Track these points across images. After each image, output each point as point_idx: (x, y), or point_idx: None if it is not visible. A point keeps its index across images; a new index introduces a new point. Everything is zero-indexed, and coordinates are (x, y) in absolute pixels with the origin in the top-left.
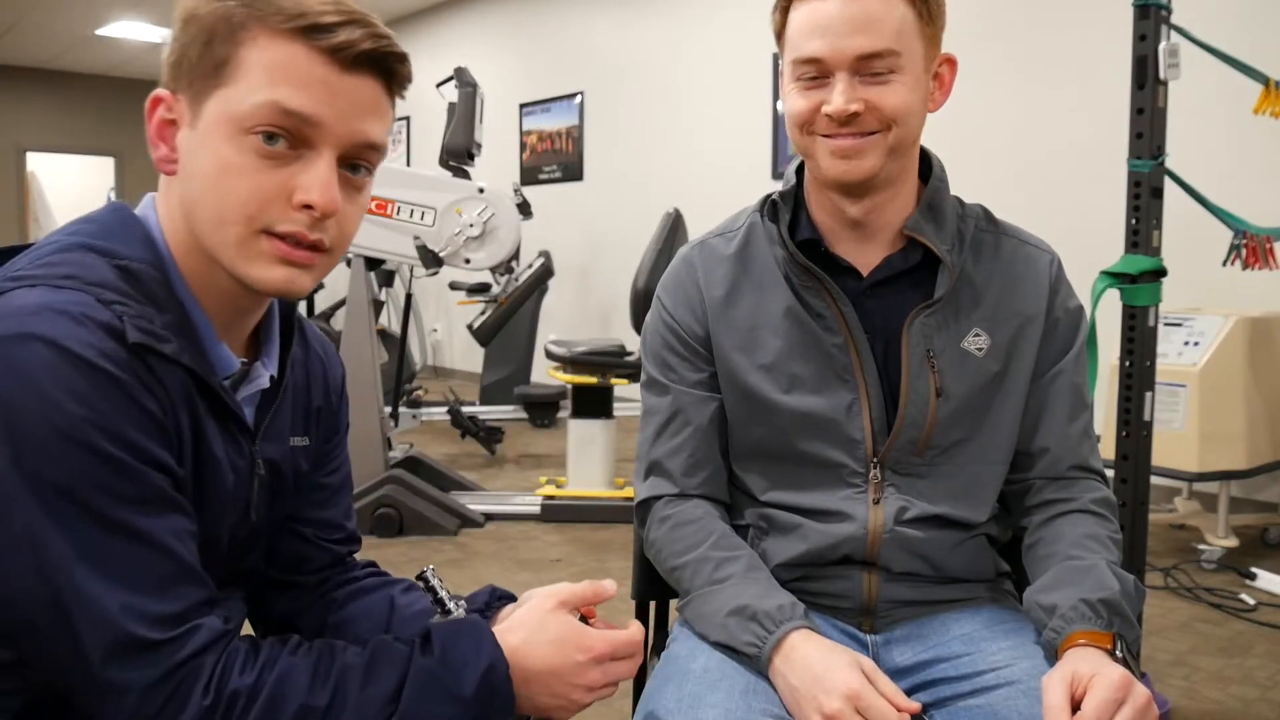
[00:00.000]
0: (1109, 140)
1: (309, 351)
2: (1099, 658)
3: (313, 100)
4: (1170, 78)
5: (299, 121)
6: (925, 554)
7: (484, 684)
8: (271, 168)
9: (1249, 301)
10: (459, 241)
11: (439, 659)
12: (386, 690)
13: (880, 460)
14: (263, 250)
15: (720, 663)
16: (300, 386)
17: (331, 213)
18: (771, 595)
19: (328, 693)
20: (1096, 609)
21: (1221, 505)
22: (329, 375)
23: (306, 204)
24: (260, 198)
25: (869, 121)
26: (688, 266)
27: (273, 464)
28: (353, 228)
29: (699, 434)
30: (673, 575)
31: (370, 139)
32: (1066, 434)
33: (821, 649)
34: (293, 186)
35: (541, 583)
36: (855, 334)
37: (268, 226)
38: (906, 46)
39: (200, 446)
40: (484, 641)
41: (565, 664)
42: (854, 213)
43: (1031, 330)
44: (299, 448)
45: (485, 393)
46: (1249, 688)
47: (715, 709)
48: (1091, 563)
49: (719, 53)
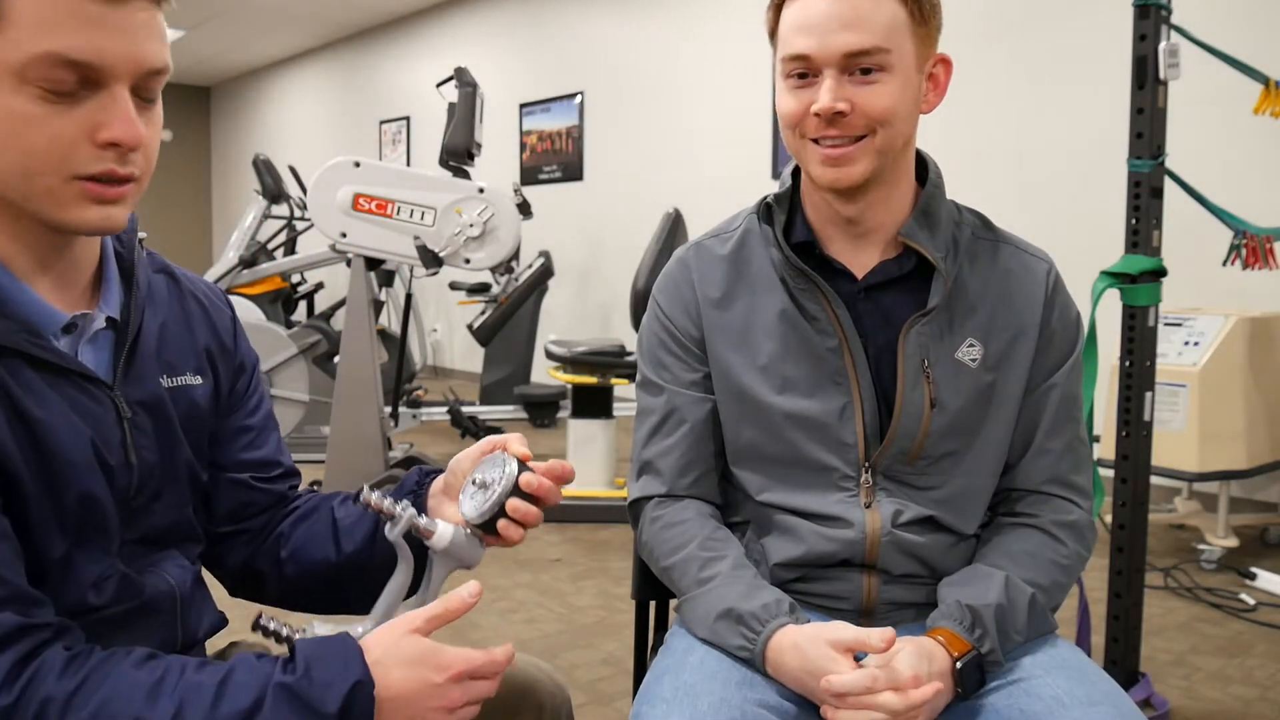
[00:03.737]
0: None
1: (182, 293)
2: (933, 655)
3: (93, 43)
4: (1170, 78)
5: (83, 69)
6: (923, 556)
7: (347, 702)
8: (65, 111)
9: (1249, 301)
10: (459, 241)
11: (302, 674)
12: (241, 706)
13: (872, 466)
14: (75, 194)
15: (717, 657)
16: (177, 323)
17: (137, 146)
18: (755, 594)
19: (170, 707)
20: (963, 613)
21: (1221, 505)
22: (213, 315)
23: (112, 141)
24: (62, 144)
25: (855, 123)
26: (683, 268)
27: (148, 405)
28: (155, 151)
29: (692, 434)
30: (664, 575)
31: (155, 64)
32: (1047, 448)
33: (805, 638)
34: (93, 125)
35: (541, 583)
36: (849, 337)
37: (76, 172)
38: (897, 45)
39: (10, 413)
40: (351, 659)
41: (422, 686)
42: (848, 213)
43: (1025, 341)
44: (191, 387)
45: (485, 393)
46: (1249, 688)
47: (710, 697)
48: (996, 573)
49: (719, 53)
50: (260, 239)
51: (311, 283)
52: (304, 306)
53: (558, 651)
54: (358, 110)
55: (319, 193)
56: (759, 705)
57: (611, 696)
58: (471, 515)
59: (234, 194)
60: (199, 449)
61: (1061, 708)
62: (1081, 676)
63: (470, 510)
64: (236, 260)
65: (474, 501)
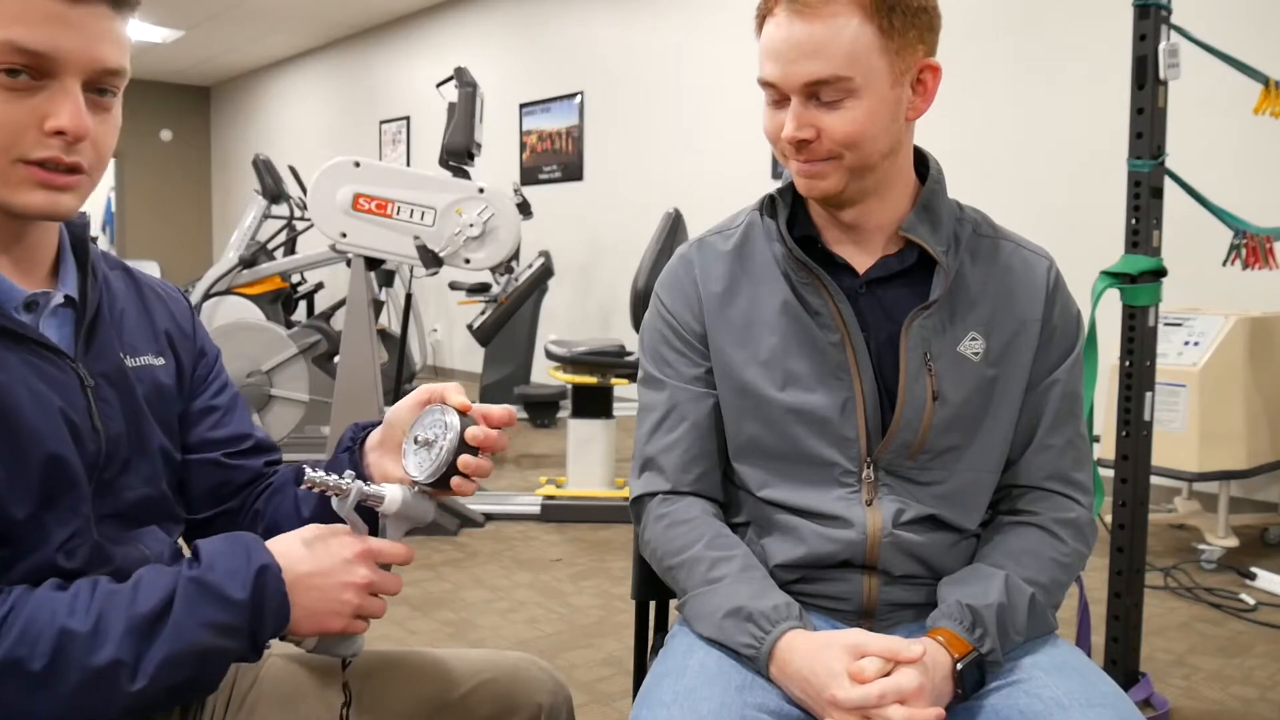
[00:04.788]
0: (1109, 140)
1: (139, 285)
2: (935, 658)
3: (47, 36)
4: (1170, 78)
5: (37, 57)
6: (924, 557)
7: (256, 585)
8: (17, 99)
9: (1249, 301)
10: (459, 241)
11: (207, 567)
12: (154, 605)
13: (874, 461)
14: (22, 177)
15: (717, 659)
16: (135, 310)
17: (83, 136)
18: (767, 595)
19: (91, 617)
20: (964, 612)
21: (1221, 505)
22: (170, 304)
23: (58, 130)
24: (11, 129)
25: (821, 148)
26: (685, 264)
27: (110, 378)
28: (107, 147)
29: (694, 430)
30: (668, 574)
31: (109, 65)
32: (1048, 444)
33: (817, 645)
34: (42, 114)
35: (541, 583)
36: (851, 331)
37: (22, 156)
38: (862, 69)
39: None
40: (254, 548)
41: (331, 562)
42: (844, 219)
43: (1027, 336)
44: (155, 366)
45: (485, 393)
46: (1249, 688)
47: (710, 702)
48: (996, 572)
49: (719, 53)
50: (260, 239)
51: (311, 283)
52: (304, 306)
53: (558, 651)
54: (358, 110)
55: (319, 193)
56: (759, 710)
57: (611, 696)
58: (419, 475)
59: (234, 194)
60: (168, 427)
61: (1061, 709)
62: (1081, 677)
63: (417, 470)
64: (236, 260)
65: (418, 459)
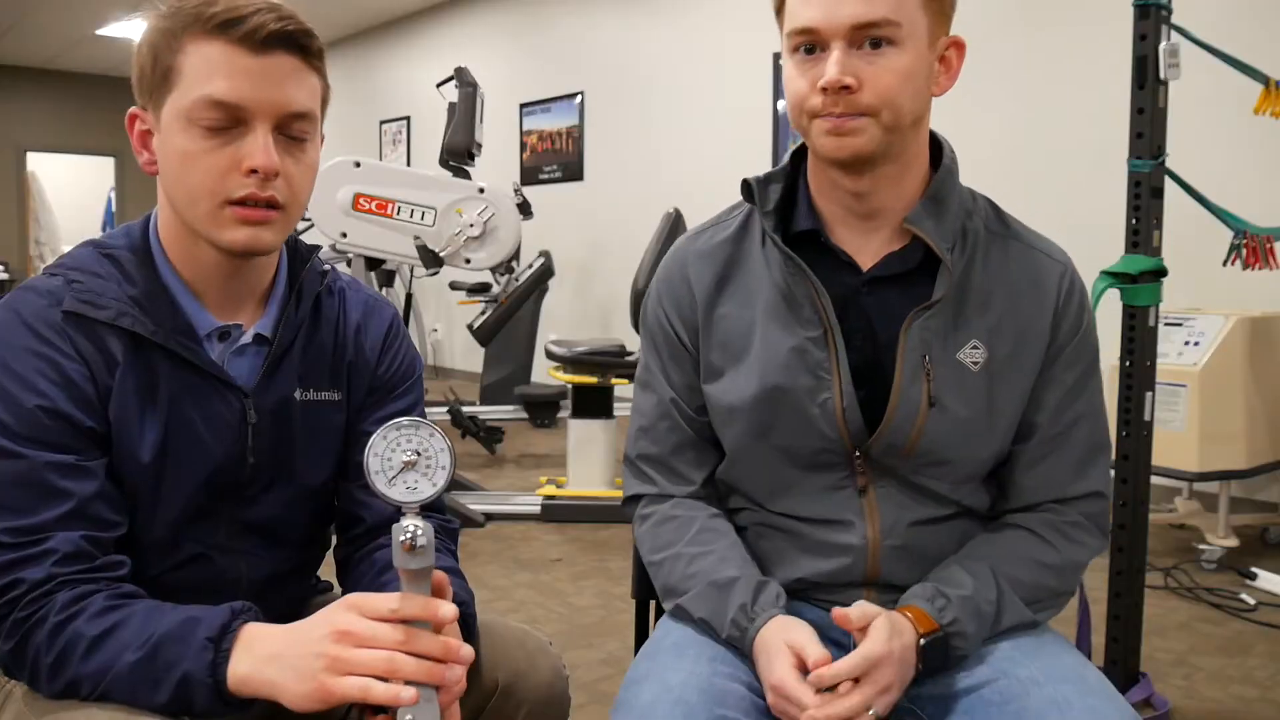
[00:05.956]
0: (1109, 140)
1: (346, 310)
2: (901, 630)
3: (236, 86)
4: (1170, 78)
5: (231, 108)
6: (923, 564)
7: (176, 694)
8: (219, 147)
9: (1249, 301)
10: (459, 241)
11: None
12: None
13: (864, 456)
14: (228, 217)
15: (692, 637)
16: (325, 344)
17: (272, 172)
18: (741, 590)
19: None
20: (936, 594)
21: (1221, 505)
22: (369, 330)
23: (251, 168)
24: (215, 173)
25: (862, 99)
26: (679, 264)
27: (276, 412)
28: (301, 186)
29: (683, 432)
30: (651, 571)
31: (294, 108)
32: (1046, 456)
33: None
34: (239, 157)
35: (541, 583)
36: (832, 327)
37: (228, 196)
38: (907, 17)
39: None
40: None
41: (296, 632)
42: (856, 188)
43: (1030, 350)
44: (325, 402)
45: (485, 392)
46: (1249, 688)
47: (681, 673)
48: (976, 565)
49: (719, 53)
50: None
51: None
52: None
53: (558, 651)
54: (358, 110)
55: (319, 193)
56: (728, 679)
57: (611, 696)
58: (416, 498)
59: None
60: (322, 459)
61: (1056, 709)
62: (1078, 678)
63: (409, 494)
64: None
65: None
